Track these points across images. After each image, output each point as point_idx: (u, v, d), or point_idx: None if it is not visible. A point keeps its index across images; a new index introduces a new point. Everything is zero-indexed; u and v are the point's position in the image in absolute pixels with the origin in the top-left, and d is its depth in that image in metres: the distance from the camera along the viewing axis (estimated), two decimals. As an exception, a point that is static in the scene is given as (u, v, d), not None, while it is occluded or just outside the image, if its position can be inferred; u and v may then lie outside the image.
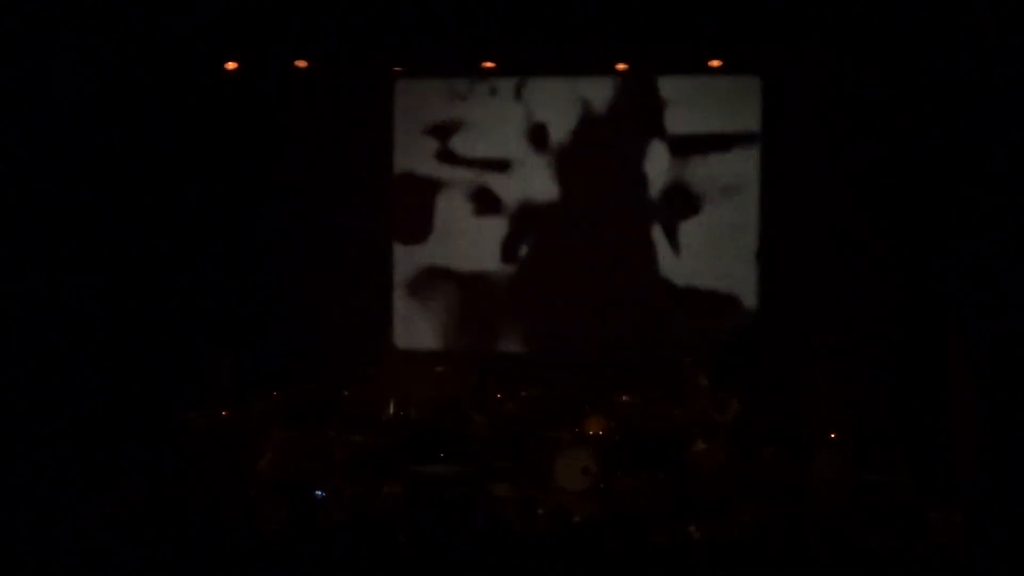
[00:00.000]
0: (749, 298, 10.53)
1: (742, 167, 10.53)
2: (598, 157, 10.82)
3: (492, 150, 10.93)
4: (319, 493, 7.64)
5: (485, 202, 10.96)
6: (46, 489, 7.89)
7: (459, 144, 10.98)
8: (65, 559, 6.76)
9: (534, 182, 10.89)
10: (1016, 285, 8.19)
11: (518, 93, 10.86)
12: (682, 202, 10.67)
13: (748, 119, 10.49)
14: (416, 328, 11.01)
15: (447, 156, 10.98)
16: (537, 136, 10.87)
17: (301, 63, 10.13)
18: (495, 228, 10.95)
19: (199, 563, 6.68)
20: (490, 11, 9.25)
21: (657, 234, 10.73)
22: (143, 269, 9.85)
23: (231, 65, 10.02)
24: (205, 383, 9.69)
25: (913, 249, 9.81)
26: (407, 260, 11.07)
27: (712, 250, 10.62)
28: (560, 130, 10.85)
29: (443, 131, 10.98)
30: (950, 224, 9.28)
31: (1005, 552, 6.97)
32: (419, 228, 11.04)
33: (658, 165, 10.70)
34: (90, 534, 7.03)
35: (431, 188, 11.00)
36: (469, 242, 10.98)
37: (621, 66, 10.07)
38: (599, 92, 10.76)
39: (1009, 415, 8.17)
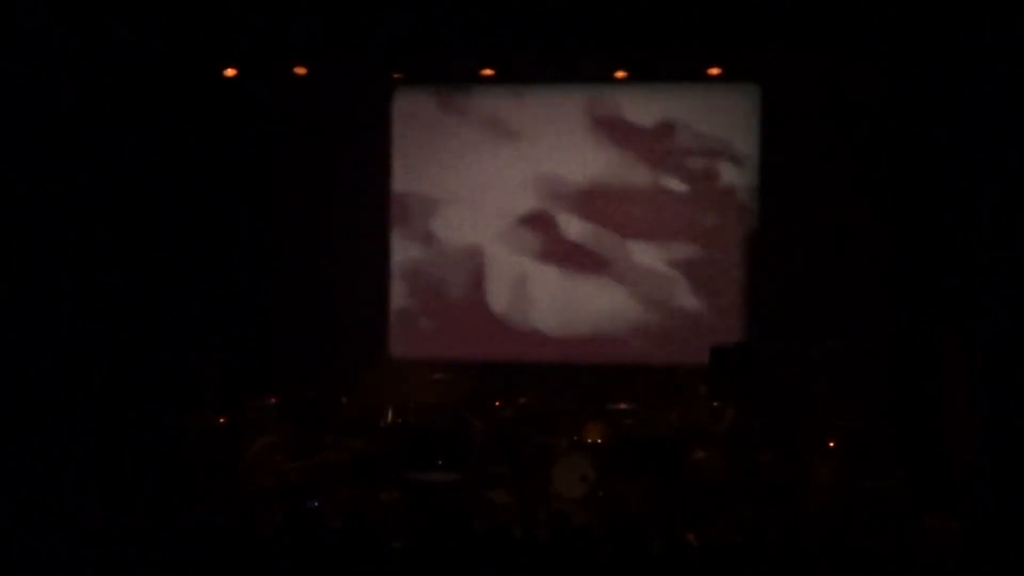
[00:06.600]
0: (745, 304, 10.56)
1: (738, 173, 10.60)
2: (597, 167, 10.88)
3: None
4: (314, 503, 7.62)
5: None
6: (42, 492, 7.90)
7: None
8: (60, 562, 6.76)
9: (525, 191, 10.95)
10: (1012, 291, 8.21)
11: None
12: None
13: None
14: (414, 335, 11.01)
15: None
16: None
17: (300, 69, 10.15)
18: (495, 232, 11.00)
19: (194, 567, 6.68)
20: (489, 19, 9.26)
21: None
22: (140, 274, 9.85)
23: (230, 71, 10.04)
24: (192, 388, 9.67)
25: (910, 256, 9.84)
26: (405, 266, 11.08)
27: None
28: (564, 137, 10.91)
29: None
30: (947, 231, 9.31)
31: (1001, 558, 6.98)
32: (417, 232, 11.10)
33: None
34: (85, 537, 7.02)
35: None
36: (468, 245, 11.02)
37: (620, 74, 10.08)
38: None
39: (1005, 421, 8.18)
